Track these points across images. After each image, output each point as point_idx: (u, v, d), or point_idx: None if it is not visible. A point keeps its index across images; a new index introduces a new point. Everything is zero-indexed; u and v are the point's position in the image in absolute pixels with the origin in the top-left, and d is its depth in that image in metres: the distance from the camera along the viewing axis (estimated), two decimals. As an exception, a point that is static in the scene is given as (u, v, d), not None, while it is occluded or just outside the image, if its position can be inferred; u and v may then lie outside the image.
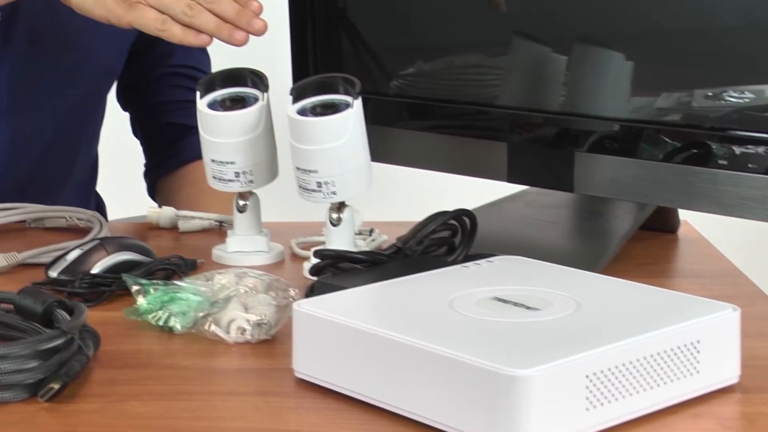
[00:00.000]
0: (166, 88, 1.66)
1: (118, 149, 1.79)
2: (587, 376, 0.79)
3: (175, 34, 1.22)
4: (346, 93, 1.14)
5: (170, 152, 1.65)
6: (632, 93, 1.16)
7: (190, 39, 1.23)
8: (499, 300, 0.90)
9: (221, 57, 1.27)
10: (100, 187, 1.73)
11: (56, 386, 0.86)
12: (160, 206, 1.59)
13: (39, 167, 1.55)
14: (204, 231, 1.37)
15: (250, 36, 1.22)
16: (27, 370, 0.86)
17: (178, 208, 1.41)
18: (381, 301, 0.94)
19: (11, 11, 1.44)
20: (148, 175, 1.70)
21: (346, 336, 0.86)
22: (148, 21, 1.23)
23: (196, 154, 1.60)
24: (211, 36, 1.23)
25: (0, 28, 1.44)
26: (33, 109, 1.51)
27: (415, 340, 0.82)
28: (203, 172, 1.61)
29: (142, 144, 1.71)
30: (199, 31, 1.22)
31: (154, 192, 1.69)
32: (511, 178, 1.24)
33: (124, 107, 1.71)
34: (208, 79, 1.21)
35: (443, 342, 0.81)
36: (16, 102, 1.48)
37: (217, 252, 1.24)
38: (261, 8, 1.24)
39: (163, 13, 1.23)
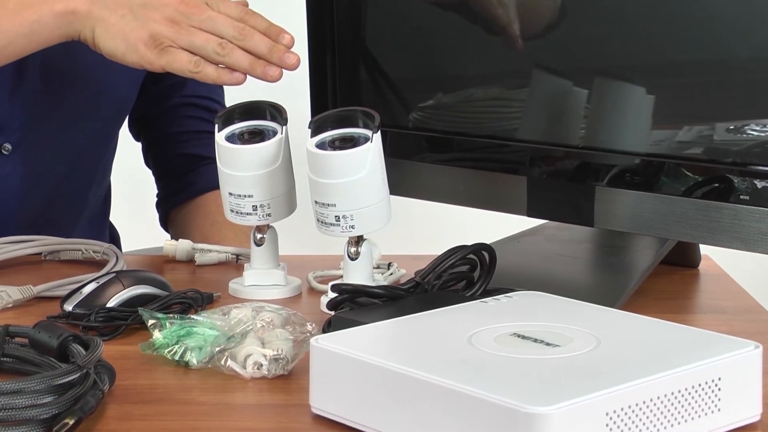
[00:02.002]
0: (178, 118, 1.66)
1: (131, 179, 1.78)
2: (607, 414, 0.78)
3: (209, 74, 1.23)
4: (366, 126, 1.13)
5: (183, 183, 1.64)
6: (653, 126, 1.15)
7: (224, 78, 1.23)
8: (519, 336, 0.89)
9: (239, 89, 1.26)
10: (114, 217, 1.72)
11: (71, 422, 0.85)
12: (172, 237, 1.59)
13: (52, 201, 1.54)
14: (220, 264, 1.36)
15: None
16: (42, 405, 0.85)
17: (190, 239, 1.40)
18: (399, 336, 0.93)
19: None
20: (160, 206, 1.69)
21: (364, 372, 0.85)
22: (182, 64, 1.23)
23: (209, 185, 1.61)
24: (245, 74, 1.23)
25: (13, 63, 1.44)
26: (46, 143, 1.50)
27: (433, 377, 0.81)
28: (216, 203, 1.61)
29: (155, 174, 1.71)
30: (233, 69, 1.23)
31: (166, 223, 1.69)
32: (531, 212, 1.24)
33: (137, 137, 1.71)
34: (226, 112, 1.21)
35: (462, 378, 0.80)
36: (29, 137, 1.48)
37: (234, 285, 1.23)
38: (293, 41, 1.24)
39: (194, 54, 1.23)
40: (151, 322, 1.03)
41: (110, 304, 1.13)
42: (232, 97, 1.40)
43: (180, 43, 1.23)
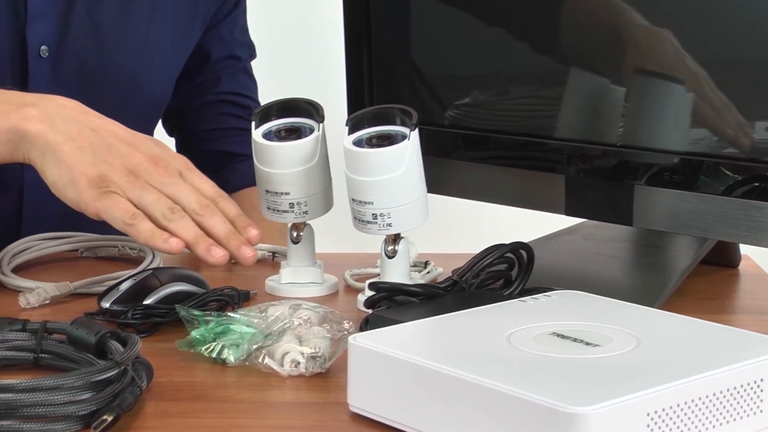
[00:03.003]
0: (212, 115, 1.66)
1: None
2: (648, 414, 0.78)
3: (142, 231, 1.10)
4: (403, 124, 1.13)
5: (216, 180, 1.63)
6: (692, 125, 1.14)
7: (157, 241, 1.10)
8: (558, 335, 0.89)
9: (276, 87, 1.26)
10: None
11: (109, 418, 0.85)
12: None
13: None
14: (256, 261, 1.36)
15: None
16: (80, 402, 0.86)
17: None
18: (438, 335, 0.93)
19: (58, 45, 1.45)
20: (193, 204, 1.69)
21: (402, 370, 0.85)
22: (118, 212, 1.11)
23: (243, 182, 1.61)
24: (185, 246, 1.11)
25: (48, 63, 1.45)
26: None
27: (472, 376, 0.81)
28: (250, 200, 1.62)
29: (188, 171, 1.70)
30: (173, 235, 1.11)
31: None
32: (569, 211, 1.23)
33: (170, 133, 1.71)
34: (263, 109, 1.20)
35: (501, 378, 0.80)
36: None
37: (271, 283, 1.23)
38: (258, 238, 1.15)
39: (138, 208, 1.12)
40: (188, 319, 1.03)
41: (147, 301, 1.12)
42: (269, 95, 1.40)
43: (128, 194, 1.12)
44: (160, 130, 1.67)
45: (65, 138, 1.15)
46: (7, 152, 1.17)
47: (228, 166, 1.64)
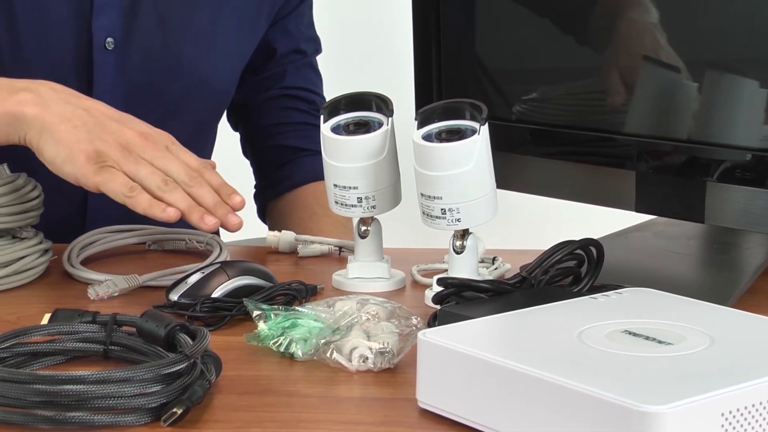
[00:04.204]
0: (277, 110, 1.66)
1: (230, 168, 1.78)
2: (723, 414, 0.77)
3: (141, 202, 1.17)
4: (473, 119, 1.12)
5: (281, 174, 1.65)
6: (765, 121, 1.13)
7: (156, 211, 1.17)
8: (630, 333, 0.88)
9: (344, 80, 1.26)
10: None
11: (179, 411, 0.85)
12: (270, 229, 1.59)
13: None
14: (323, 256, 1.36)
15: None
16: (150, 394, 0.86)
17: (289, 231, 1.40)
18: (508, 331, 0.92)
19: (124, 38, 1.45)
20: (258, 198, 1.70)
21: (472, 367, 0.84)
22: (117, 186, 1.17)
23: (308, 177, 1.61)
24: (180, 214, 1.18)
25: (113, 55, 1.45)
26: None
27: (543, 373, 0.80)
28: (315, 194, 1.62)
29: (252, 165, 1.71)
30: (169, 205, 1.17)
31: (264, 214, 1.69)
32: (639, 208, 1.21)
33: (235, 127, 1.71)
34: (332, 103, 1.20)
35: (573, 375, 0.79)
36: None
37: (337, 278, 1.23)
38: (242, 204, 1.22)
39: (134, 181, 1.18)
40: (256, 313, 1.03)
41: (215, 294, 1.13)
42: (337, 89, 1.40)
43: (124, 168, 1.19)
44: (224, 124, 1.68)
45: (60, 118, 1.21)
46: (4, 135, 1.22)
47: (292, 160, 1.64)
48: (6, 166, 1.24)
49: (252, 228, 1.65)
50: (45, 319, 1.04)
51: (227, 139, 1.69)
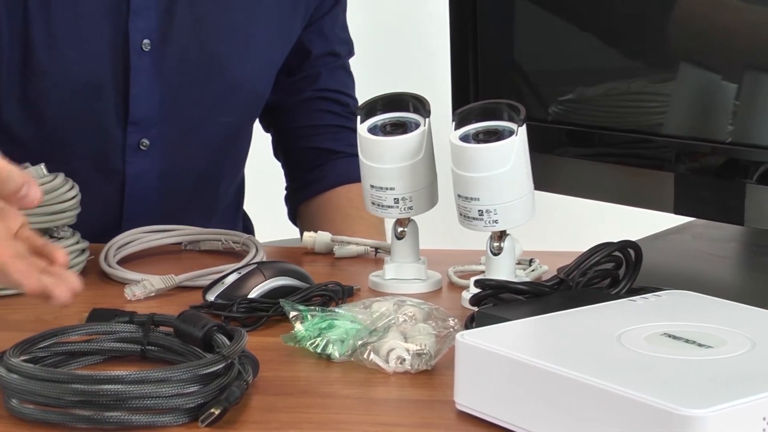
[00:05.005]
0: (310, 111, 1.66)
1: (263, 168, 1.78)
2: (765, 419, 0.76)
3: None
4: (510, 119, 1.12)
5: (313, 177, 1.64)
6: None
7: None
8: (670, 336, 0.87)
9: (381, 81, 1.25)
10: (246, 206, 1.73)
11: (216, 411, 0.85)
12: (301, 231, 1.59)
13: (189, 195, 1.56)
14: (359, 257, 1.36)
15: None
16: (187, 395, 0.86)
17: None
18: (547, 334, 0.92)
19: (161, 40, 1.45)
20: (289, 200, 1.69)
21: (511, 369, 0.84)
22: None
23: (340, 180, 1.60)
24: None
25: (150, 57, 1.45)
26: (182, 139, 1.51)
27: (582, 375, 0.80)
28: (347, 197, 1.61)
29: (284, 167, 1.71)
30: None
31: (294, 217, 1.69)
32: (678, 210, 1.21)
33: (266, 129, 1.71)
34: (369, 104, 1.20)
35: (612, 378, 0.79)
36: (167, 132, 1.49)
37: (374, 279, 1.23)
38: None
39: None
40: (292, 314, 1.03)
41: (252, 295, 1.13)
42: (372, 89, 1.39)
43: None
44: (255, 126, 1.67)
45: None
46: None
47: (325, 163, 1.64)
48: (43, 166, 1.25)
49: (284, 229, 1.66)
50: (82, 319, 1.04)
51: (259, 140, 1.69)
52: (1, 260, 0.92)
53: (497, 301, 1.05)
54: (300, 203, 1.67)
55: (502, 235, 1.14)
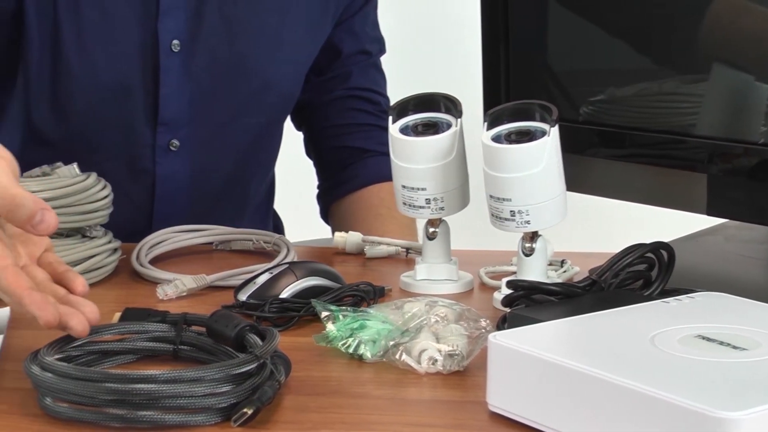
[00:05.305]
0: (342, 110, 1.66)
1: (294, 167, 1.79)
2: (800, 421, 0.75)
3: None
4: (543, 120, 1.11)
5: (345, 176, 1.64)
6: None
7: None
8: (704, 338, 0.87)
9: (412, 81, 1.25)
10: (276, 205, 1.73)
11: (249, 411, 0.85)
12: (333, 230, 1.59)
13: (219, 195, 1.56)
14: (389, 257, 1.36)
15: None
16: (220, 394, 0.86)
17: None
18: (580, 335, 0.91)
19: (190, 40, 1.46)
20: (321, 199, 1.70)
21: (544, 370, 0.83)
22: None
23: (372, 178, 1.60)
24: None
25: (179, 58, 1.46)
26: (212, 139, 1.52)
27: (616, 377, 0.79)
28: (379, 196, 1.61)
29: (316, 165, 1.71)
30: None
31: (326, 215, 1.69)
32: (711, 211, 1.20)
33: (298, 127, 1.72)
34: (401, 104, 1.20)
35: (646, 380, 0.78)
36: (196, 133, 1.50)
37: (405, 279, 1.22)
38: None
39: None
40: (324, 314, 1.03)
41: (283, 295, 1.13)
42: (406, 89, 1.40)
43: None
44: (286, 124, 1.68)
45: None
46: None
47: (357, 162, 1.64)
48: (76, 165, 1.25)
49: (313, 229, 1.66)
50: (115, 318, 1.04)
51: (289, 139, 1.69)
52: (18, 293, 0.91)
53: (529, 302, 1.05)
54: (332, 202, 1.67)
55: (534, 236, 1.14)
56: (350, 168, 1.64)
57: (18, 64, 1.45)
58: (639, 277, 1.10)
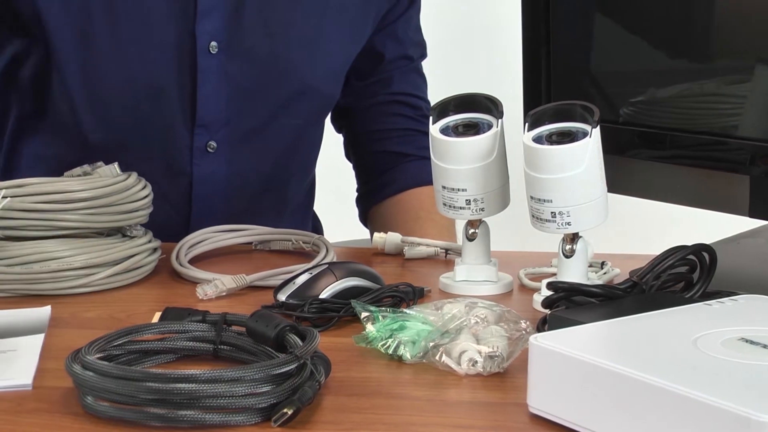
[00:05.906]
0: (383, 115, 1.66)
1: (334, 169, 1.79)
2: (844, 426, 0.74)
3: None
4: (584, 121, 1.11)
5: (384, 180, 1.64)
6: None
7: None
8: (747, 341, 0.86)
9: (453, 82, 1.25)
10: (316, 206, 1.73)
11: (289, 411, 0.85)
12: (372, 233, 1.59)
13: (257, 197, 1.56)
14: (428, 258, 1.36)
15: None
16: (260, 394, 0.86)
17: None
18: (621, 337, 0.91)
19: (228, 42, 1.46)
20: (360, 202, 1.69)
21: (586, 373, 0.83)
22: None
23: (412, 182, 1.60)
24: None
25: (217, 59, 1.46)
26: (250, 141, 1.52)
27: (658, 380, 0.79)
28: (419, 199, 1.61)
29: (355, 169, 1.71)
30: None
31: (365, 219, 1.69)
32: (753, 213, 1.19)
33: (338, 130, 1.71)
34: (442, 104, 1.19)
35: (689, 383, 0.78)
36: (234, 134, 1.50)
37: (444, 280, 1.22)
38: None
39: None
40: (363, 314, 1.03)
41: (323, 295, 1.13)
42: (446, 90, 1.39)
43: None
44: (326, 127, 1.68)
45: None
46: None
47: (396, 166, 1.64)
48: (117, 165, 1.26)
49: (351, 229, 1.66)
50: (156, 318, 1.04)
51: (331, 140, 1.69)
52: None
53: (570, 304, 1.04)
54: (371, 206, 1.67)
55: (574, 238, 1.13)
56: (390, 172, 1.64)
57: (52, 71, 1.45)
58: (680, 279, 1.10)
